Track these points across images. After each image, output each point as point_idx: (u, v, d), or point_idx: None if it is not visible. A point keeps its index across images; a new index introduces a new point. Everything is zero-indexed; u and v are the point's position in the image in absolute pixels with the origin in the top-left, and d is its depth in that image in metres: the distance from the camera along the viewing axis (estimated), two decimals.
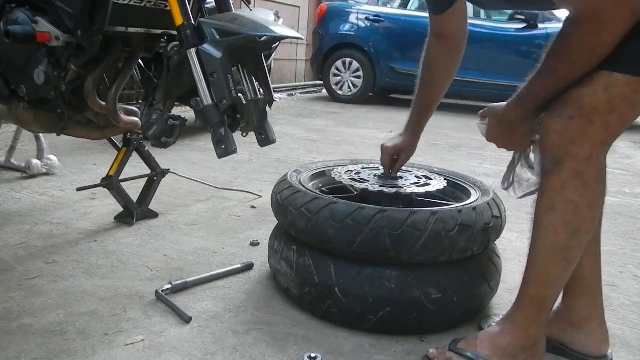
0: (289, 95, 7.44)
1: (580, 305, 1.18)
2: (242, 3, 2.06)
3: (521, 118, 1.05)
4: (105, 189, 1.87)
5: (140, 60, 1.71)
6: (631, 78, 0.91)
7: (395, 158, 1.48)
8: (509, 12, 5.65)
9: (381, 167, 1.58)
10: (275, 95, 1.59)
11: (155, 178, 2.00)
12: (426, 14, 1.39)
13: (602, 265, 1.59)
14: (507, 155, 1.21)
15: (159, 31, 1.58)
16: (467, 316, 1.29)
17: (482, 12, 5.74)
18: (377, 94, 6.99)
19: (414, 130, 1.48)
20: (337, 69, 6.60)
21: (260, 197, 2.32)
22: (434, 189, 1.40)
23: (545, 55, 0.97)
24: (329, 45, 6.59)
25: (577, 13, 0.90)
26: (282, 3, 7.84)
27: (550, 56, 0.96)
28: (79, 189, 1.91)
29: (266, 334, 1.22)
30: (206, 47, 1.30)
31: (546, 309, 1.07)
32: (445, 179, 1.51)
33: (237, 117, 1.43)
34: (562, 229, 1.00)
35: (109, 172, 1.85)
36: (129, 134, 1.88)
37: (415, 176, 1.52)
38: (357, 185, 1.40)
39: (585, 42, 0.90)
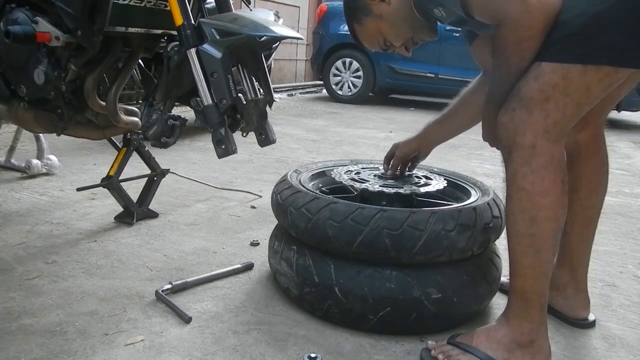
0: (289, 95, 7.44)
1: (560, 272, 1.33)
2: (242, 3, 2.05)
3: (493, 115, 1.09)
4: (105, 189, 1.87)
5: (140, 60, 1.71)
6: (556, 65, 0.98)
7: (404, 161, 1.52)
8: None
9: (381, 167, 1.58)
10: (275, 95, 1.59)
11: (155, 178, 2.00)
12: None
13: (602, 265, 1.60)
14: None
15: (159, 31, 1.58)
16: (467, 316, 1.29)
17: None
18: (377, 94, 6.99)
19: (428, 139, 1.50)
20: (337, 69, 6.60)
21: (260, 197, 2.32)
22: (434, 189, 1.40)
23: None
24: (329, 45, 6.59)
25: (496, 20, 1.02)
26: (282, 3, 7.85)
27: (493, 56, 1.07)
28: (79, 189, 1.91)
29: (266, 334, 1.22)
30: (206, 47, 1.30)
31: (533, 304, 1.08)
32: (445, 179, 1.51)
33: (237, 117, 1.43)
34: (520, 216, 1.04)
35: (109, 172, 1.85)
36: (129, 134, 1.88)
37: (416, 176, 1.52)
38: (357, 185, 1.40)
39: (508, 39, 1.00)
